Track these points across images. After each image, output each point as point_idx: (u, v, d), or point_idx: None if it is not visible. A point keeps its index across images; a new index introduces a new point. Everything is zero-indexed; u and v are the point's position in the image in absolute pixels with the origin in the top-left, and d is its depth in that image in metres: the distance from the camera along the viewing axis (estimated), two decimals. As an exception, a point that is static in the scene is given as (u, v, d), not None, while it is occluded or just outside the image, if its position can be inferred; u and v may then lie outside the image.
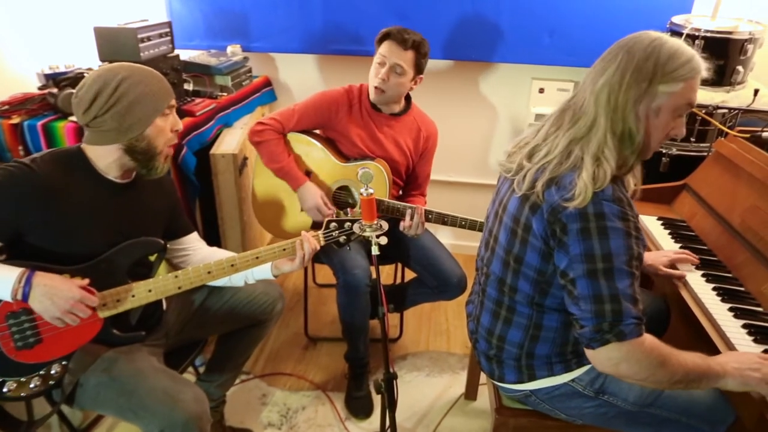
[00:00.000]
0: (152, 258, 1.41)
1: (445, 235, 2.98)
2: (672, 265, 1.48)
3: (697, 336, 1.33)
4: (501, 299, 1.26)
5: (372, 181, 1.42)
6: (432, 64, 2.58)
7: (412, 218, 1.80)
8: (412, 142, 2.00)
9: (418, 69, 1.89)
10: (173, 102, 1.34)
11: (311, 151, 1.95)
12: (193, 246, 1.57)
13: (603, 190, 1.03)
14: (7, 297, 1.18)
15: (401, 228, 1.82)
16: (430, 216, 1.84)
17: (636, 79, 1.05)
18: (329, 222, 1.47)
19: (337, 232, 1.47)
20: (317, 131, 2.01)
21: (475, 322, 1.36)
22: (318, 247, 1.45)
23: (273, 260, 1.45)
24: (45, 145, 1.91)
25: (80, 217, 1.28)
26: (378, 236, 1.41)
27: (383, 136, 1.95)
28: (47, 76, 2.11)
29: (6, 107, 1.95)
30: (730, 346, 1.23)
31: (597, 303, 1.03)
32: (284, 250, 1.43)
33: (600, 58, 1.12)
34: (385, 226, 1.42)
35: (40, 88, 2.10)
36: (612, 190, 1.04)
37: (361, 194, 1.37)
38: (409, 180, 2.09)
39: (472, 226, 1.82)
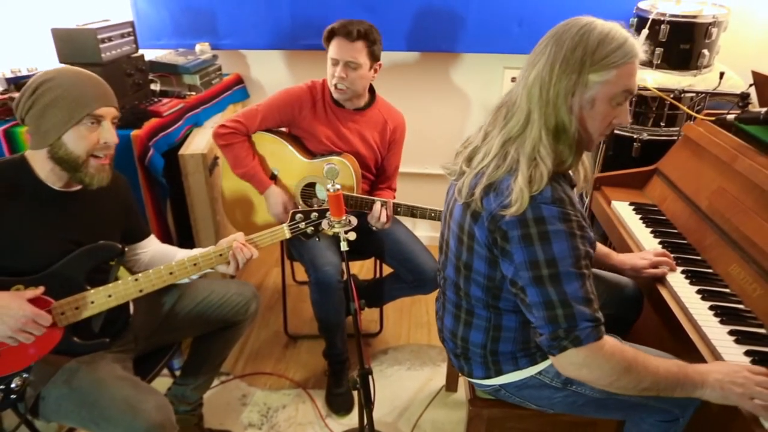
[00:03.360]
0: (111, 263, 1.38)
1: (423, 228, 2.98)
2: (652, 266, 1.44)
3: (667, 320, 1.34)
4: (459, 302, 1.24)
5: (337, 176, 1.41)
6: (402, 56, 2.58)
7: (379, 211, 1.79)
8: (379, 135, 1.99)
9: (373, 57, 1.86)
10: (101, 111, 1.25)
11: (277, 149, 1.93)
12: (146, 250, 1.55)
13: (541, 192, 1.00)
14: None
15: (368, 220, 1.81)
16: (399, 209, 1.83)
17: (565, 70, 1.00)
18: (294, 214, 1.45)
19: (303, 223, 1.45)
20: (283, 129, 1.99)
21: (441, 322, 1.36)
22: (255, 255, 1.42)
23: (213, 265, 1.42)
24: (7, 150, 1.88)
25: (26, 229, 1.25)
26: (347, 232, 1.39)
27: (348, 132, 1.94)
28: (8, 80, 2.07)
29: (-34, 113, 1.91)
30: (697, 328, 1.24)
31: (548, 309, 1.01)
32: (220, 255, 1.40)
33: (533, 48, 1.08)
34: (354, 221, 1.41)
35: (1, 93, 2.06)
36: (551, 191, 1.01)
37: (328, 190, 1.36)
38: (378, 173, 2.07)
39: (441, 217, 1.81)
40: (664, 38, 1.94)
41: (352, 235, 1.40)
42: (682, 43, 1.96)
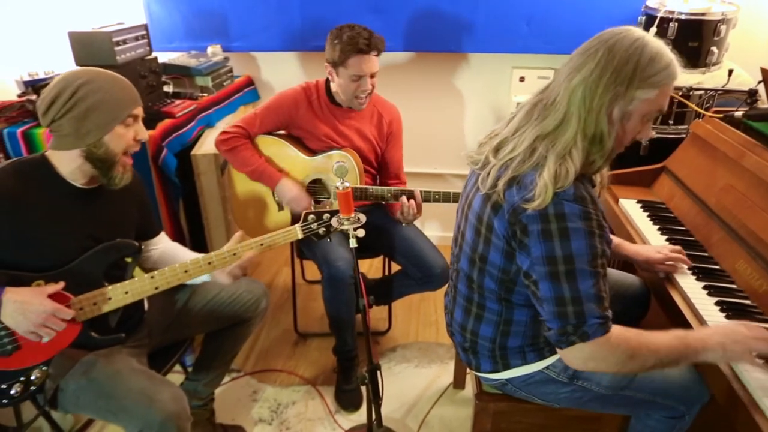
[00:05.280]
0: (128, 260, 1.42)
1: (432, 227, 3.00)
2: (666, 260, 1.43)
3: (674, 316, 1.34)
4: (471, 296, 1.26)
5: (347, 174, 1.43)
6: (410, 57, 2.60)
7: (408, 200, 1.83)
8: (376, 129, 2.03)
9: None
10: (137, 111, 1.33)
11: (279, 150, 1.97)
12: (156, 247, 1.58)
13: (565, 189, 1.01)
14: None
15: (397, 215, 1.87)
16: (404, 194, 1.87)
17: (614, 81, 1.01)
18: (307, 214, 1.48)
19: (315, 224, 1.48)
20: (282, 132, 2.02)
21: (450, 315, 1.38)
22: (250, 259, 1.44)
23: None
24: (26, 151, 1.93)
25: (46, 226, 1.29)
26: (355, 229, 1.42)
27: (346, 128, 1.98)
28: (26, 83, 2.12)
29: (-15, 115, 1.97)
30: (702, 323, 1.24)
31: (559, 305, 1.03)
32: (234, 254, 1.43)
33: (578, 51, 1.07)
34: (363, 218, 1.44)
35: (19, 96, 2.11)
36: (574, 188, 1.02)
37: (337, 188, 1.38)
38: (383, 168, 2.11)
39: (446, 198, 1.84)
40: (672, 36, 1.94)
41: (361, 232, 1.42)
42: (691, 41, 1.96)
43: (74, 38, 1.87)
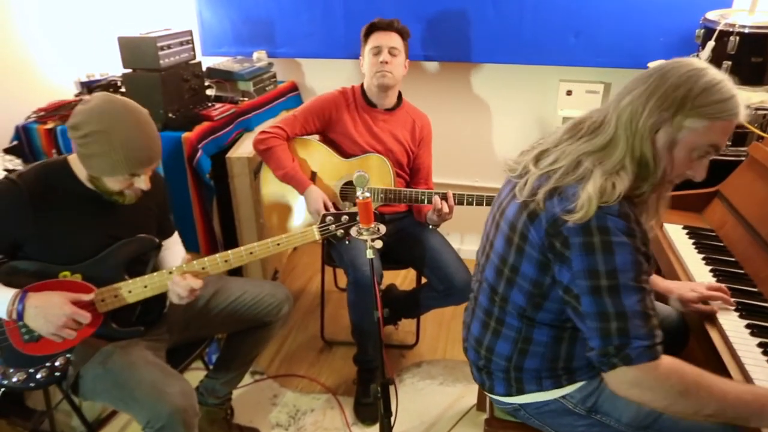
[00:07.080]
0: (149, 256, 1.45)
1: (472, 241, 2.92)
2: (702, 300, 1.32)
3: (712, 356, 1.23)
4: (491, 309, 1.21)
5: (367, 183, 1.41)
6: (456, 67, 2.55)
7: (440, 202, 1.84)
8: (409, 133, 2.05)
9: (407, 51, 1.99)
10: (142, 171, 1.32)
11: (315, 151, 2.00)
12: (166, 249, 1.61)
13: (609, 205, 0.97)
14: (3, 316, 1.27)
15: (429, 214, 1.88)
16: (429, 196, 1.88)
17: (660, 105, 0.99)
18: (325, 216, 1.48)
19: (333, 226, 1.47)
20: (317, 136, 2.05)
21: (467, 330, 1.33)
22: (195, 285, 1.36)
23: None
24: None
25: (67, 225, 1.34)
26: (374, 240, 1.39)
27: (380, 131, 2.01)
28: (83, 84, 2.25)
29: (42, 113, 2.10)
30: (741, 365, 1.13)
31: (602, 321, 0.98)
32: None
33: (635, 76, 1.06)
34: (383, 229, 1.41)
35: (76, 95, 2.24)
36: (619, 205, 0.98)
37: (357, 198, 1.36)
38: (414, 172, 2.11)
39: (479, 201, 1.84)
40: (733, 51, 1.80)
41: (379, 243, 1.39)
42: (754, 56, 1.80)
43: (122, 42, 1.97)
